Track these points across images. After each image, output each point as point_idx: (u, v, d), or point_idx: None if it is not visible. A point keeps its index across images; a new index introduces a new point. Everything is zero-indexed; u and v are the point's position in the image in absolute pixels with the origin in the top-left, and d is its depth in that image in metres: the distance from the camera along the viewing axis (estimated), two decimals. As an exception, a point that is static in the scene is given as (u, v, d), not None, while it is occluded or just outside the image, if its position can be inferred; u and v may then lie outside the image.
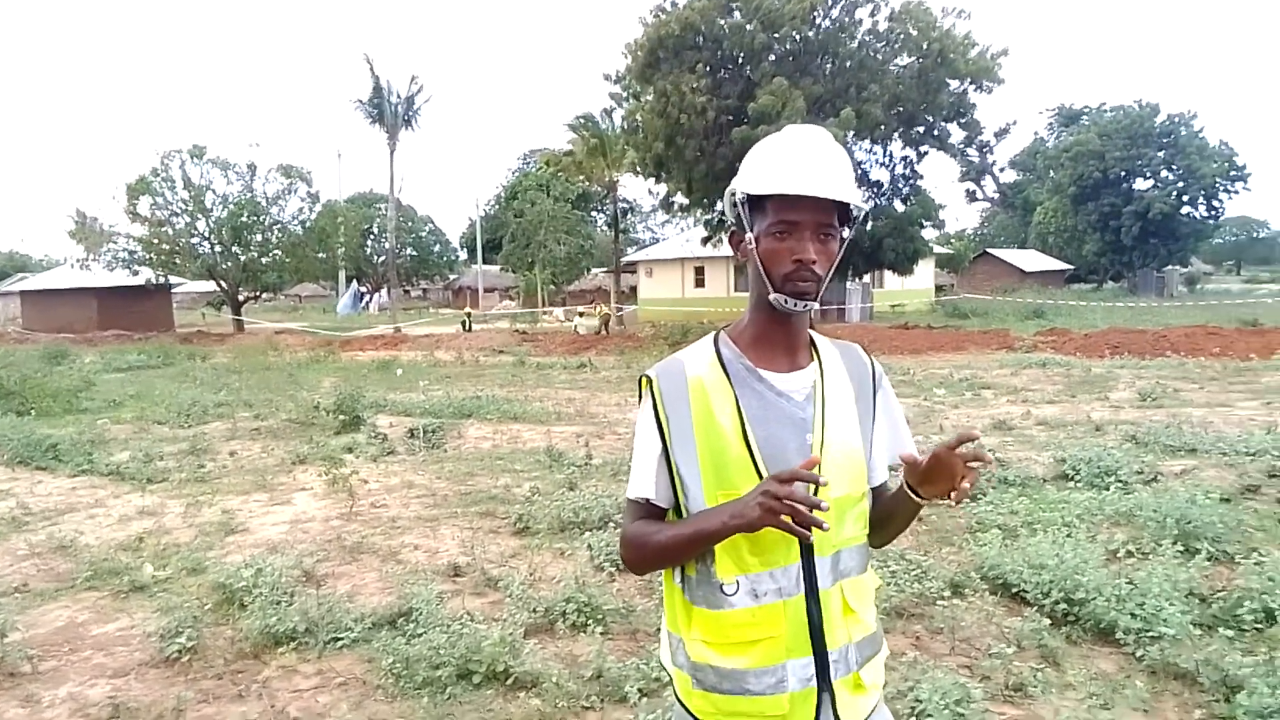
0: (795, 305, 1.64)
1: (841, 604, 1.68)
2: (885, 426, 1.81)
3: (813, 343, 1.78)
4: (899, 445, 1.83)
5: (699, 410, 1.66)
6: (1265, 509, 6.55)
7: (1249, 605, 4.42)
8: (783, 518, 1.49)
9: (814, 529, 1.51)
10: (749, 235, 1.68)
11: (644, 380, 1.74)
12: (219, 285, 41.76)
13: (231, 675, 4.37)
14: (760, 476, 1.61)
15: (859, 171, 28.82)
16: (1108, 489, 6.88)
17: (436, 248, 72.88)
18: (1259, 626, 4.32)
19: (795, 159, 1.63)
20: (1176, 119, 53.27)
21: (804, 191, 1.59)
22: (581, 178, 45.34)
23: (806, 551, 1.64)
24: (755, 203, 1.67)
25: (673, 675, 1.77)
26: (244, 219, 39.33)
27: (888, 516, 1.79)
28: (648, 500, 1.70)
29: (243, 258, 40.36)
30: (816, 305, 1.66)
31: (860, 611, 1.72)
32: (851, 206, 1.66)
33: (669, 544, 1.66)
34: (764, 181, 1.64)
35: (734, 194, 1.70)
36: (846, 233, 1.71)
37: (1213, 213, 55.73)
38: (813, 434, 1.66)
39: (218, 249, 39.94)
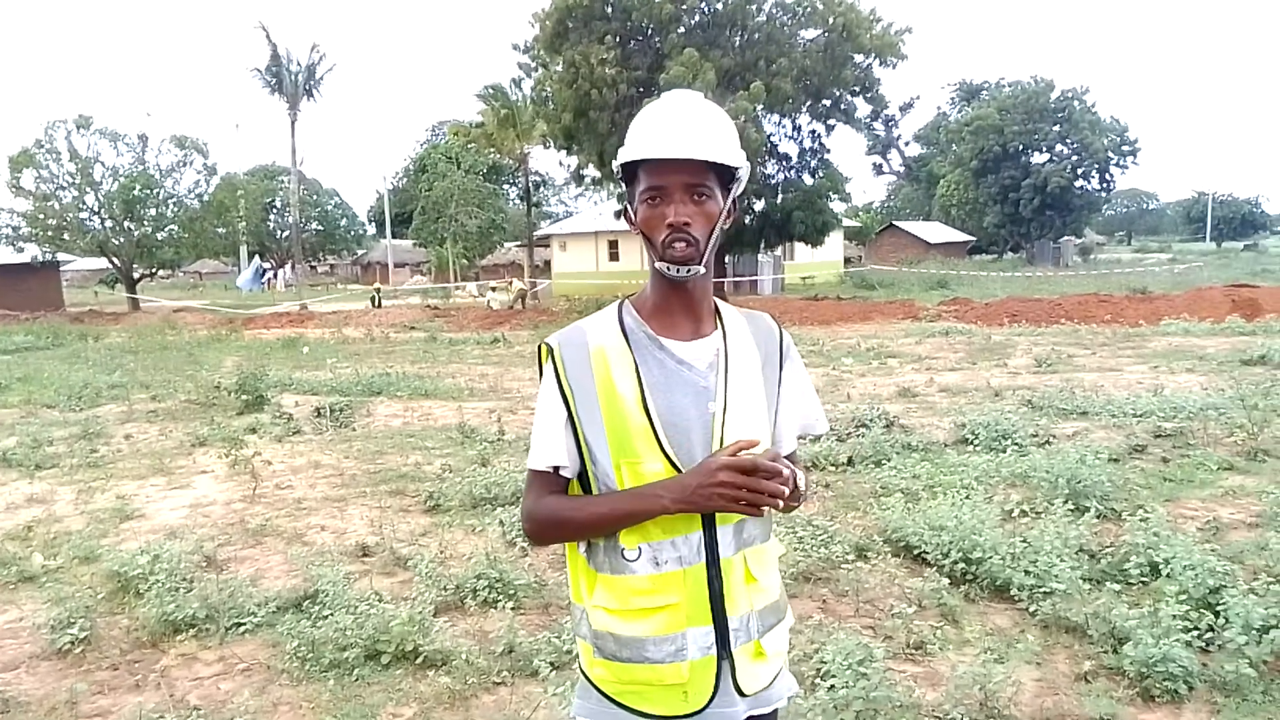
0: (677, 271, 1.62)
1: (744, 572, 1.68)
2: (793, 396, 1.81)
3: (718, 311, 1.76)
4: (806, 416, 1.84)
5: (601, 379, 1.64)
6: (1151, 468, 6.89)
7: (1135, 560, 4.64)
8: (743, 503, 1.55)
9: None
10: (630, 206, 1.67)
11: (544, 348, 1.70)
12: (111, 262, 39.93)
13: (128, 665, 4.22)
14: (660, 446, 1.60)
15: (768, 145, 29.04)
16: (1004, 452, 7.14)
17: (343, 222, 70.97)
18: (1144, 580, 4.54)
19: (659, 123, 1.61)
20: (1070, 94, 55.10)
21: (656, 154, 1.57)
22: (492, 150, 44.65)
23: (709, 520, 1.63)
24: (630, 173, 1.66)
25: (578, 646, 1.77)
26: (136, 192, 37.55)
27: None
28: (556, 469, 1.68)
29: (136, 233, 38.56)
30: (701, 269, 1.63)
31: (762, 579, 1.72)
32: (731, 165, 1.63)
33: (593, 523, 1.65)
34: (629, 149, 1.62)
35: (616, 167, 1.68)
36: (736, 192, 1.67)
37: (1105, 185, 57.98)
38: (714, 403, 1.65)
39: (109, 224, 38.13)
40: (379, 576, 5.17)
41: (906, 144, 35.64)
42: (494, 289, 34.73)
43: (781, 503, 1.59)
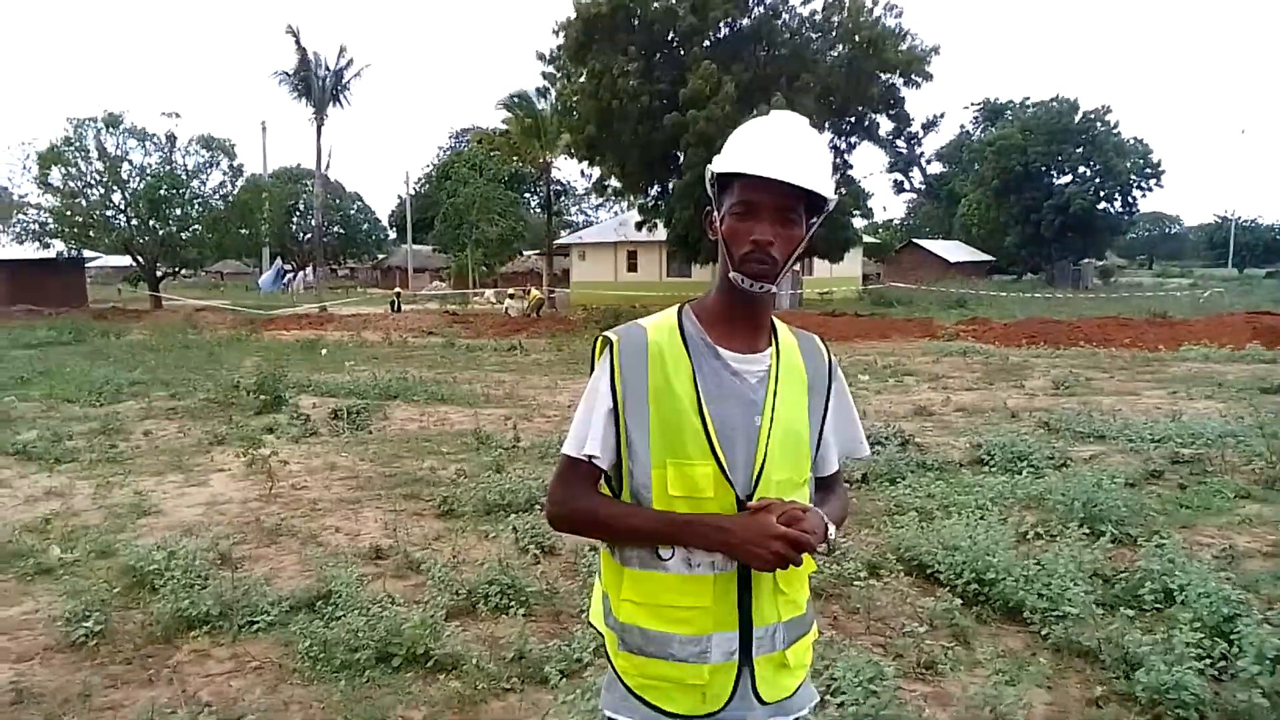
0: (751, 285, 1.66)
1: (773, 584, 1.71)
2: (839, 419, 1.86)
3: (774, 328, 1.80)
4: (849, 440, 1.90)
5: (656, 378, 1.68)
6: (1167, 493, 6.84)
7: (1149, 586, 4.61)
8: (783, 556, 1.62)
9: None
10: (716, 213, 1.71)
11: (603, 341, 1.75)
12: (136, 260, 40.22)
13: (141, 660, 4.26)
14: (713, 450, 1.64)
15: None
16: (1020, 473, 7.11)
17: (365, 226, 71.33)
18: (1158, 606, 4.51)
19: (764, 142, 1.65)
20: (1093, 115, 54.81)
21: (762, 173, 1.60)
22: (515, 158, 44.88)
23: None
24: (724, 183, 1.70)
25: (604, 634, 1.82)
26: (162, 192, 37.78)
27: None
28: (591, 459, 1.71)
29: (161, 232, 38.81)
30: (774, 287, 1.69)
31: (791, 592, 1.75)
32: (823, 194, 1.68)
33: (629, 535, 1.71)
34: (730, 161, 1.66)
35: (710, 173, 1.73)
36: (819, 219, 1.73)
37: (1127, 208, 57.62)
38: (761, 417, 1.69)
39: (134, 222, 38.38)
40: (392, 579, 5.20)
41: (929, 162, 35.59)
42: (511, 296, 34.80)
43: (799, 562, 1.67)
